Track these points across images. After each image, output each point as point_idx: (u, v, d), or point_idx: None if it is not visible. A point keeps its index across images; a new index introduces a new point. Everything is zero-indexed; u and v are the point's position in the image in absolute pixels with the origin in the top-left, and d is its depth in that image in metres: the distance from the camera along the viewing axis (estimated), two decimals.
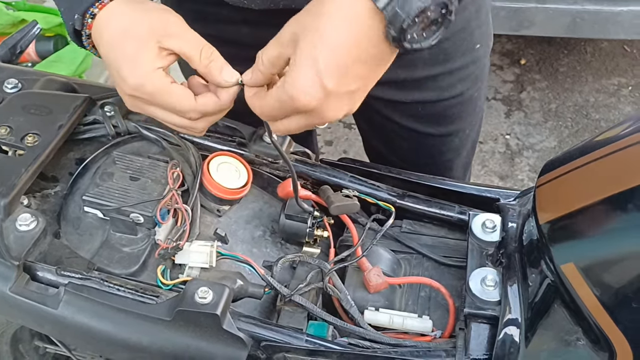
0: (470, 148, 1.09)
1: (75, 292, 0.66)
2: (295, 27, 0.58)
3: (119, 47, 0.62)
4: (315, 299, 0.74)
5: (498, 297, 0.65)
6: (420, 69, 0.92)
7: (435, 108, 0.96)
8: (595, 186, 0.57)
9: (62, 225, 0.75)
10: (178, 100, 0.62)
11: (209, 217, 0.80)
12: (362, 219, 0.84)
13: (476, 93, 0.99)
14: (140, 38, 0.61)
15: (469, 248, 0.72)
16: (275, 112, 0.60)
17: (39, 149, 0.74)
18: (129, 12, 0.62)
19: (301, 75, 0.56)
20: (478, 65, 0.96)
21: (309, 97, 0.56)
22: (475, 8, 0.91)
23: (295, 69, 0.57)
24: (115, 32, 0.62)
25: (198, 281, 0.67)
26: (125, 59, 0.61)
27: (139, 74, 0.61)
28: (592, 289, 0.55)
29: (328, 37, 0.55)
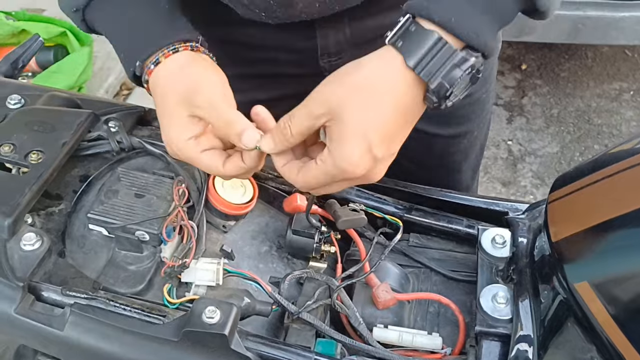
0: (478, 150, 1.09)
1: (81, 312, 0.65)
2: (330, 99, 0.58)
3: (160, 115, 0.67)
4: (323, 316, 0.73)
5: (510, 314, 0.65)
6: None
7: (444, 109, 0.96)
8: (609, 203, 0.56)
9: (67, 243, 0.74)
10: (207, 168, 0.66)
11: (214, 233, 0.80)
12: (368, 232, 0.84)
13: (484, 95, 0.99)
14: (171, 110, 0.65)
15: (479, 263, 0.71)
16: (321, 184, 0.62)
17: (43, 166, 0.73)
18: (166, 81, 0.66)
19: (353, 149, 0.57)
20: (486, 67, 0.96)
21: (360, 168, 0.58)
22: None
23: (344, 143, 0.57)
24: (156, 100, 0.67)
25: (205, 300, 0.66)
26: (164, 125, 0.66)
27: (173, 144, 0.65)
28: (606, 307, 0.54)
29: (375, 113, 0.57)
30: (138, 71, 0.68)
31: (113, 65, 2.22)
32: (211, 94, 0.64)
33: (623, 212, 0.54)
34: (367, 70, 0.58)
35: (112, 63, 2.22)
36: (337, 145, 0.58)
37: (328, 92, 0.59)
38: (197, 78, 0.65)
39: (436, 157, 1.03)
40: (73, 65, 1.91)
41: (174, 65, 0.66)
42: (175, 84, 0.65)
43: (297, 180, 0.63)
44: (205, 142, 0.66)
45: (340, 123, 0.57)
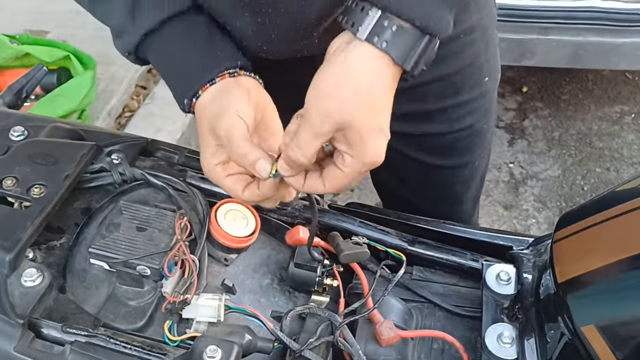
0: (479, 181, 1.09)
1: (81, 350, 0.65)
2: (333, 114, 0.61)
3: (200, 138, 0.70)
4: (326, 353, 0.72)
5: (515, 354, 0.64)
6: (431, 102, 0.93)
7: (445, 140, 0.97)
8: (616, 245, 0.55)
9: (67, 278, 0.74)
10: (229, 191, 0.70)
11: (216, 266, 0.79)
12: (371, 265, 0.83)
13: (485, 125, 0.99)
14: (204, 135, 0.69)
15: (484, 301, 0.71)
16: (349, 182, 0.65)
17: (45, 200, 0.73)
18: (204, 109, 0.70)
19: (376, 144, 0.62)
20: (487, 98, 0.97)
21: (383, 152, 0.63)
22: (484, 44, 0.93)
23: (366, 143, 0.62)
24: (197, 126, 0.71)
25: (206, 338, 0.65)
26: (201, 151, 0.71)
27: (205, 167, 0.70)
28: (613, 352, 0.54)
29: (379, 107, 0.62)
30: (187, 108, 0.72)
31: (116, 88, 2.23)
32: (229, 125, 0.67)
33: (630, 254, 0.54)
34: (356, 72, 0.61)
35: (115, 86, 2.24)
36: (360, 147, 0.62)
37: (327, 108, 0.61)
38: (221, 109, 0.68)
39: (437, 188, 1.03)
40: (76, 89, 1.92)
41: (208, 96, 0.70)
42: (205, 114, 0.70)
43: (326, 189, 0.66)
44: (232, 167, 0.69)
45: (354, 128, 0.61)
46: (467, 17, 0.88)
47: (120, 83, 2.24)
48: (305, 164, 0.63)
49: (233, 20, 0.74)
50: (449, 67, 0.90)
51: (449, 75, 0.91)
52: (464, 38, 0.89)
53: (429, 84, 0.91)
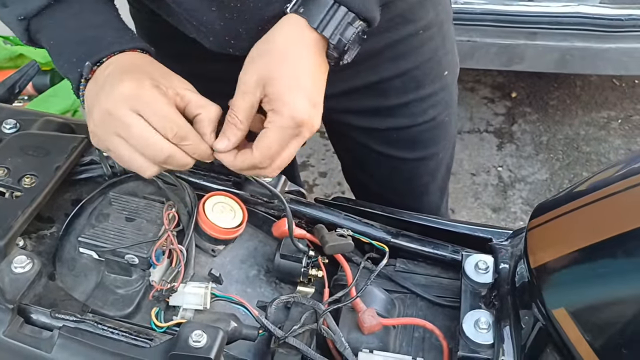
0: (445, 172, 1.13)
1: (69, 335, 0.66)
2: (257, 71, 0.66)
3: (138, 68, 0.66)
4: (310, 340, 0.74)
5: (491, 340, 0.66)
6: (393, 97, 0.97)
7: (409, 133, 1.01)
8: (587, 231, 0.58)
9: (57, 266, 0.75)
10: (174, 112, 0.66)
11: (203, 257, 0.81)
12: (356, 257, 0.85)
13: (447, 118, 1.03)
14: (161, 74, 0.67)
15: (462, 289, 0.73)
16: (278, 145, 0.67)
17: (36, 190, 0.74)
18: (138, 59, 0.68)
19: (295, 98, 0.65)
20: (447, 91, 1.01)
21: (306, 113, 0.65)
22: (442, 38, 0.97)
23: (285, 97, 0.65)
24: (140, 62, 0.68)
25: (192, 324, 0.67)
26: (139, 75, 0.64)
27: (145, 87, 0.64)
28: (583, 335, 0.56)
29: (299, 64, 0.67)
30: (86, 73, 0.67)
31: None
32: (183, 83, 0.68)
33: (599, 240, 0.56)
34: (278, 37, 0.68)
35: None
36: (279, 102, 0.65)
37: (253, 67, 0.67)
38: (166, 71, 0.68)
39: (404, 180, 1.06)
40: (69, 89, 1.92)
41: (140, 56, 0.69)
42: (147, 66, 0.67)
43: (255, 155, 0.67)
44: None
45: (275, 83, 0.65)
46: (425, 13, 0.92)
47: None
48: (240, 126, 0.66)
49: (200, 14, 0.75)
50: (409, 63, 0.94)
51: (410, 70, 0.95)
52: (422, 34, 0.93)
53: (391, 79, 0.95)
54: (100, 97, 0.65)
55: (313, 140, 2.38)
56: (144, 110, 0.63)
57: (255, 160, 0.67)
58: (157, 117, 0.63)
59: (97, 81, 0.67)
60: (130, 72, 0.65)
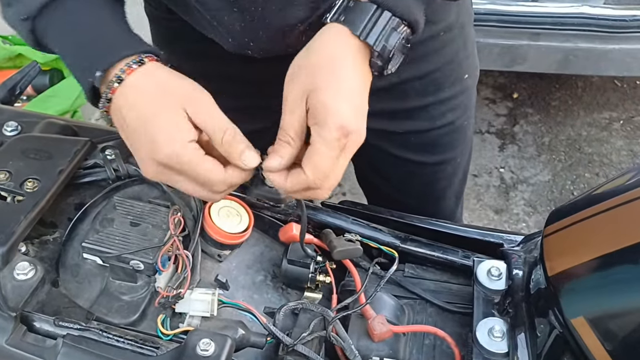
0: (461, 177, 1.11)
1: (74, 344, 0.65)
2: (300, 86, 0.62)
3: (152, 116, 0.61)
4: (318, 347, 0.73)
5: (506, 348, 0.64)
6: (412, 100, 0.95)
7: (427, 137, 0.99)
8: (605, 238, 0.56)
9: (60, 272, 0.74)
10: (210, 172, 0.62)
11: (209, 262, 0.79)
12: (364, 262, 0.83)
13: (466, 122, 1.01)
14: (174, 109, 0.61)
15: (475, 296, 0.71)
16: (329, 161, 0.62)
17: (38, 195, 0.73)
18: (161, 82, 0.63)
19: (339, 107, 0.61)
20: (467, 95, 0.99)
21: (352, 120, 0.61)
22: (463, 40, 0.96)
23: (330, 107, 0.61)
24: (147, 101, 0.62)
25: (199, 332, 0.65)
26: (161, 128, 0.61)
27: (176, 144, 0.61)
28: (602, 343, 0.54)
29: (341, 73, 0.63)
30: (97, 82, 0.63)
31: None
32: (212, 104, 0.64)
33: (619, 248, 0.55)
34: (319, 48, 0.64)
35: None
36: (323, 112, 0.61)
37: (295, 82, 0.63)
38: (196, 87, 0.64)
39: (421, 185, 1.05)
40: (68, 90, 1.91)
41: (151, 77, 0.63)
42: (175, 86, 0.63)
43: (308, 175, 0.62)
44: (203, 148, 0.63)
45: (319, 93, 0.62)
46: (446, 15, 0.91)
47: None
48: (292, 144, 0.62)
49: (222, 15, 0.74)
50: (430, 65, 0.92)
51: (430, 72, 0.93)
52: (443, 36, 0.91)
53: (410, 81, 0.93)
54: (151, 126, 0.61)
55: None
56: (185, 175, 0.63)
57: (309, 179, 0.62)
58: (198, 181, 0.63)
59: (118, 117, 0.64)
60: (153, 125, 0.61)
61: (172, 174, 0.63)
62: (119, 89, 0.62)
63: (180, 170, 0.62)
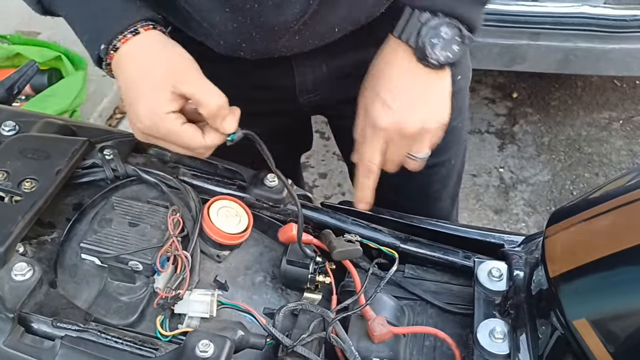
0: (456, 179, 1.11)
1: (72, 345, 0.64)
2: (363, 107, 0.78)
3: (136, 86, 0.66)
4: (318, 349, 0.72)
5: (507, 349, 0.64)
6: None
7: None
8: (607, 240, 0.56)
9: (58, 273, 0.73)
10: (189, 140, 0.68)
11: (208, 263, 0.79)
12: (364, 263, 0.83)
13: (460, 124, 1.01)
14: (156, 81, 0.66)
15: (476, 297, 0.71)
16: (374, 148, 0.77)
17: (36, 195, 0.72)
18: (149, 53, 0.67)
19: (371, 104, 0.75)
20: (460, 96, 1.00)
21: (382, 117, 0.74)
22: None
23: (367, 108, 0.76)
24: (134, 71, 0.67)
25: (198, 333, 0.65)
26: (141, 100, 0.66)
27: (153, 116, 0.66)
28: (605, 345, 0.54)
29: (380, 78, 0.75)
30: (103, 54, 0.68)
31: (107, 89, 2.23)
32: (199, 72, 0.68)
33: (621, 249, 0.54)
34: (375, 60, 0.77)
35: (106, 87, 2.23)
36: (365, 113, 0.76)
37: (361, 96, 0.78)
38: (184, 57, 0.68)
39: (415, 187, 1.05)
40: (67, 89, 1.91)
41: (141, 47, 0.68)
42: (160, 58, 0.67)
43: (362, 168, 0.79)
44: (182, 117, 0.68)
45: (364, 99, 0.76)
46: None
47: (112, 84, 2.23)
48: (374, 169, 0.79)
49: (212, 15, 0.74)
50: None
51: None
52: None
53: None
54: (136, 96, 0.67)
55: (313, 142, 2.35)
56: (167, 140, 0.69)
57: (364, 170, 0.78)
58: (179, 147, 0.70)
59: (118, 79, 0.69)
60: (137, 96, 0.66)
61: (155, 139, 0.69)
62: (115, 56, 0.68)
63: (161, 138, 0.68)
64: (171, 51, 0.68)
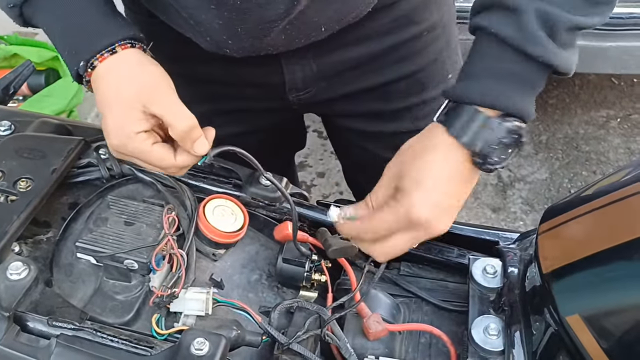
0: None
1: (67, 343, 0.64)
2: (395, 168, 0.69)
3: (109, 104, 0.67)
4: (314, 346, 0.73)
5: (501, 346, 0.64)
6: (397, 101, 0.95)
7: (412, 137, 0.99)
8: (600, 235, 0.56)
9: (54, 272, 0.73)
10: (159, 159, 0.68)
11: (204, 261, 0.79)
12: (359, 261, 0.83)
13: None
14: (127, 100, 0.66)
15: (470, 294, 0.71)
16: (387, 228, 0.66)
17: (31, 194, 0.72)
18: (122, 73, 0.67)
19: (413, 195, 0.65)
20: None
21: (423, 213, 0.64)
22: (446, 40, 0.95)
23: (406, 192, 0.66)
24: (107, 90, 0.67)
25: (194, 331, 0.65)
26: (112, 118, 0.67)
27: (122, 136, 0.66)
28: (598, 341, 0.54)
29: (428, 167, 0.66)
30: (82, 71, 0.69)
31: None
32: (171, 93, 0.67)
33: (613, 245, 0.54)
34: (418, 143, 0.69)
35: None
36: (404, 195, 0.65)
37: (395, 162, 0.70)
38: (156, 77, 0.68)
39: None
40: (64, 89, 1.91)
41: (115, 66, 0.68)
42: (133, 77, 0.67)
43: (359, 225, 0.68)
44: (154, 136, 0.68)
45: (403, 179, 0.66)
46: (429, 15, 0.90)
47: None
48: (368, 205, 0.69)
49: (199, 12, 0.74)
50: (413, 65, 0.92)
51: (414, 72, 0.93)
52: (426, 36, 0.91)
53: (394, 82, 0.93)
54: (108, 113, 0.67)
55: (311, 141, 2.36)
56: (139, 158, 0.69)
57: (359, 229, 0.68)
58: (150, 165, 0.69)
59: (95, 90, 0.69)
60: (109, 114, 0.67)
61: (128, 157, 0.69)
62: (92, 74, 0.68)
63: (132, 156, 0.68)
64: (145, 70, 0.68)
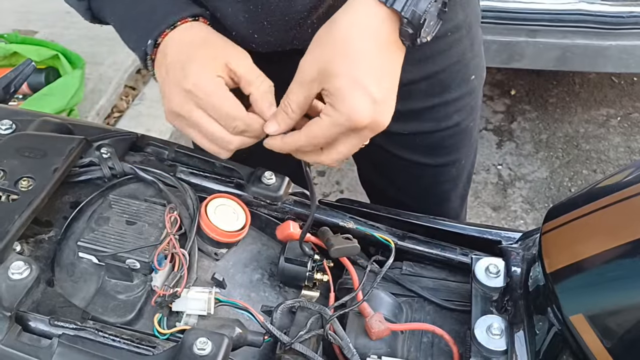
0: (466, 179, 1.10)
1: (69, 343, 0.64)
2: (317, 62, 0.62)
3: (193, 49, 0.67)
4: (316, 346, 0.72)
5: (504, 346, 0.64)
6: (418, 100, 0.94)
7: (432, 139, 0.98)
8: (603, 235, 0.56)
9: (55, 271, 0.73)
10: (231, 106, 0.66)
11: (206, 260, 0.79)
12: (361, 260, 0.83)
13: (471, 123, 1.00)
14: (212, 51, 0.66)
15: (473, 293, 0.71)
16: (327, 137, 0.63)
17: (33, 193, 0.72)
18: (203, 33, 0.69)
19: (352, 97, 0.60)
20: (473, 97, 0.98)
21: (365, 113, 0.60)
22: (470, 41, 0.94)
23: (343, 95, 0.60)
24: (190, 43, 0.68)
25: (196, 331, 0.65)
26: (195, 60, 0.66)
27: (204, 74, 0.65)
28: (601, 341, 0.54)
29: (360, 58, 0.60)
30: (149, 49, 0.69)
31: (104, 88, 2.23)
32: (249, 57, 0.68)
33: (617, 244, 0.54)
34: (341, 24, 0.62)
35: (103, 86, 2.23)
36: (338, 100, 0.60)
37: (312, 57, 0.63)
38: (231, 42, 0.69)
39: (425, 187, 1.04)
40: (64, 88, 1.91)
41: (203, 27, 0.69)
42: (211, 40, 0.68)
43: (301, 138, 0.64)
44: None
45: (334, 80, 0.60)
46: (454, 15, 0.89)
47: (109, 83, 2.23)
48: (292, 115, 0.64)
49: (225, 5, 0.74)
50: (436, 65, 0.91)
51: (437, 73, 0.92)
52: (450, 36, 0.90)
53: (417, 82, 0.92)
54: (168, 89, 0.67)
55: None
56: (206, 108, 0.66)
57: (300, 142, 0.65)
58: (218, 114, 0.66)
59: (160, 64, 0.69)
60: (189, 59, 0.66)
61: (192, 107, 0.66)
62: (163, 42, 0.69)
63: (202, 102, 0.66)
64: (220, 36, 0.69)
